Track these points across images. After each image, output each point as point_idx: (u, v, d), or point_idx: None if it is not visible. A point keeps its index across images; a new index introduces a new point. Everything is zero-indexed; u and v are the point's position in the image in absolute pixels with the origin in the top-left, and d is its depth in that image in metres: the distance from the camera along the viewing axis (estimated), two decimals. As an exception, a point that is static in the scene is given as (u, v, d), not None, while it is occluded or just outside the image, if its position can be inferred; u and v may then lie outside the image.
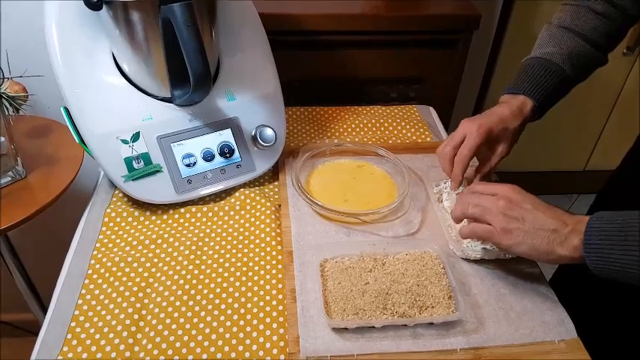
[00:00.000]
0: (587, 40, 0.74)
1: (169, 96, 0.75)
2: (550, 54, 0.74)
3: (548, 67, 0.73)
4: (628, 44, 1.53)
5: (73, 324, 0.62)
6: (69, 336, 0.61)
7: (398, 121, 0.97)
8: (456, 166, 0.71)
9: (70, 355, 0.59)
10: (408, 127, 0.96)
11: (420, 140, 0.94)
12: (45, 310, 0.71)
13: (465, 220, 0.67)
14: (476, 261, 0.69)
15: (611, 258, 0.52)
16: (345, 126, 0.97)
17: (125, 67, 0.74)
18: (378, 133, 0.96)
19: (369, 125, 0.97)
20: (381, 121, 0.97)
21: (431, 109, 1.03)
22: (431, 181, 0.81)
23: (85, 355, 0.59)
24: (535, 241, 0.57)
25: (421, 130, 0.96)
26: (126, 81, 0.74)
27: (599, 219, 0.54)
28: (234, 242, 0.73)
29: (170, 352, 0.59)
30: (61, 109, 0.73)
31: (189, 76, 0.67)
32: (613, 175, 0.87)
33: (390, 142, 0.93)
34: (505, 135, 0.72)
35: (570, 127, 1.73)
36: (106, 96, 0.73)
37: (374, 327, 0.60)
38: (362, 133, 0.96)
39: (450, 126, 1.16)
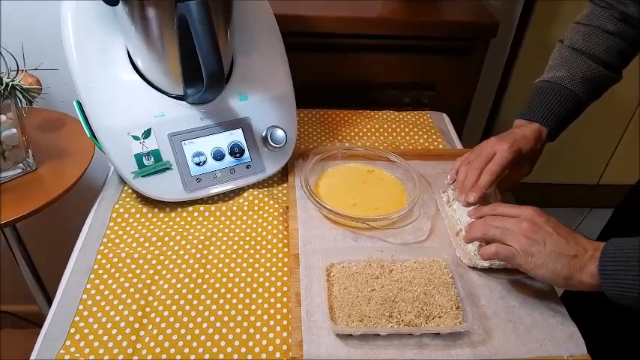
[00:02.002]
0: (599, 63, 0.73)
1: (182, 94, 0.75)
2: (562, 78, 0.74)
3: (560, 92, 0.73)
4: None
5: (76, 319, 0.62)
6: (72, 330, 0.60)
7: (410, 126, 0.96)
8: (483, 177, 0.70)
9: (72, 349, 0.58)
10: (420, 133, 0.95)
11: (432, 147, 0.93)
12: (50, 303, 0.71)
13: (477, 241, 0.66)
14: (485, 272, 0.68)
15: (626, 285, 0.51)
16: (356, 130, 0.96)
17: (139, 64, 0.74)
18: (390, 138, 0.95)
19: (381, 130, 0.96)
20: (393, 126, 0.97)
21: (444, 115, 1.02)
22: (438, 187, 0.80)
23: (87, 351, 0.58)
24: (556, 265, 0.56)
25: (434, 136, 0.95)
26: (139, 77, 0.74)
27: (613, 245, 0.54)
28: (241, 243, 0.72)
29: (172, 350, 0.59)
30: (74, 102, 0.74)
31: (202, 74, 0.66)
32: (631, 190, 0.85)
33: (402, 147, 0.92)
34: (530, 156, 0.73)
35: (585, 140, 1.70)
36: (118, 91, 0.73)
37: (379, 335, 0.59)
38: (373, 137, 0.95)
39: (463, 134, 1.14)
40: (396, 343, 0.59)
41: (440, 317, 0.60)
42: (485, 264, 0.67)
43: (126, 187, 0.80)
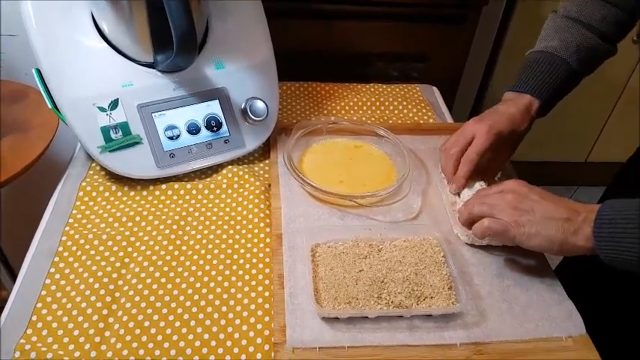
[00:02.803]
0: (594, 32, 0.70)
1: (152, 61, 0.69)
2: (555, 48, 0.70)
3: (554, 62, 0.69)
4: (638, 32, 1.48)
5: (39, 305, 0.57)
6: (34, 318, 0.56)
7: (399, 100, 0.92)
8: (461, 168, 0.68)
9: (33, 338, 0.54)
10: (409, 107, 0.91)
11: (422, 121, 0.90)
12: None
13: None
14: (479, 250, 0.65)
15: (622, 247, 0.49)
16: (342, 104, 0.91)
17: (104, 28, 0.68)
18: (378, 112, 0.90)
19: (368, 104, 0.92)
20: (381, 99, 0.92)
21: (434, 88, 0.98)
22: (431, 163, 0.76)
23: (50, 340, 0.54)
24: (549, 231, 0.54)
25: (423, 110, 0.91)
26: (105, 43, 0.68)
27: (610, 206, 0.52)
28: (219, 222, 0.68)
29: (144, 338, 0.54)
30: (33, 70, 0.67)
31: (172, 38, 0.61)
32: (626, 165, 0.83)
33: (390, 122, 0.89)
34: (512, 138, 0.68)
35: (573, 117, 1.68)
36: (82, 58, 0.67)
37: (367, 317, 0.56)
38: (360, 111, 0.90)
39: (453, 107, 1.10)
40: (385, 326, 0.56)
41: (432, 298, 0.57)
42: (484, 241, 0.64)
43: (94, 164, 0.75)
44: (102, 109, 0.67)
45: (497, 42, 1.51)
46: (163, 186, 0.72)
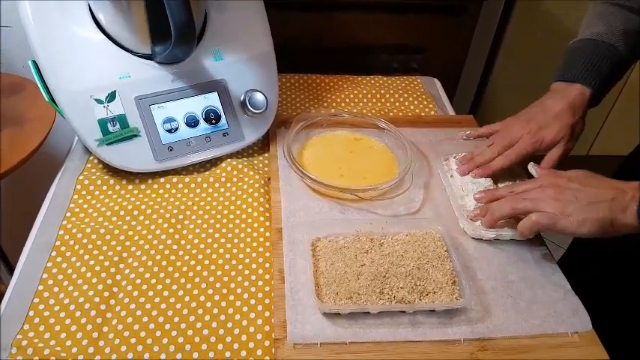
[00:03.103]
0: (639, 14, 0.67)
1: (150, 52, 0.68)
2: (600, 34, 0.68)
3: (600, 48, 0.67)
4: None
5: (36, 300, 0.56)
6: (31, 313, 0.55)
7: (400, 92, 0.91)
8: (497, 162, 0.68)
9: (30, 334, 0.53)
10: (410, 99, 0.90)
11: (423, 113, 0.88)
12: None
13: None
14: (482, 244, 0.64)
15: None
16: (342, 96, 0.90)
17: (101, 19, 0.67)
18: (378, 104, 0.89)
19: (369, 96, 0.90)
20: (382, 92, 0.91)
21: (435, 80, 0.97)
22: (439, 155, 0.75)
23: (47, 335, 0.53)
24: (598, 214, 0.54)
25: (424, 102, 0.90)
26: (102, 34, 0.67)
27: None
28: (218, 217, 0.67)
29: (143, 334, 0.54)
30: (29, 62, 0.66)
31: (170, 29, 0.60)
32: (628, 159, 0.82)
33: (391, 114, 0.87)
34: (564, 132, 0.66)
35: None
36: (79, 50, 0.66)
37: (369, 313, 0.55)
38: (360, 104, 0.89)
39: (454, 99, 1.09)
40: (387, 322, 0.55)
41: (435, 293, 0.56)
42: (491, 235, 0.63)
43: (91, 158, 0.74)
44: (99, 102, 0.65)
45: (498, 33, 1.49)
46: (162, 179, 0.71)
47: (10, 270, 1.02)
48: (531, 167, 0.66)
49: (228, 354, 0.52)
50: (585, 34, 0.69)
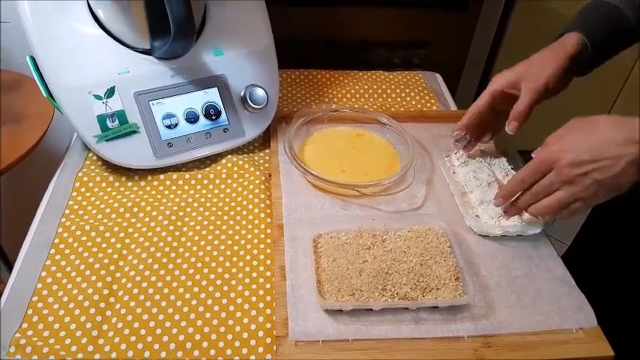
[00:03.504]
0: None
1: (149, 47, 0.67)
2: None
3: (604, 6, 0.63)
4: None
5: (34, 298, 0.56)
6: (29, 312, 0.54)
7: (402, 87, 0.90)
8: (465, 116, 0.67)
9: (29, 333, 0.52)
10: (412, 94, 0.89)
11: (425, 109, 0.88)
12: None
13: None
14: (485, 240, 0.63)
15: None
16: (343, 91, 0.89)
17: (100, 14, 0.66)
18: (380, 100, 0.89)
19: (370, 91, 0.90)
20: (383, 87, 0.90)
21: (437, 75, 0.97)
22: (441, 151, 0.75)
23: (46, 334, 0.53)
24: (625, 177, 0.51)
25: (426, 97, 0.89)
26: (101, 30, 0.66)
27: None
28: (219, 213, 0.66)
29: (143, 332, 0.53)
30: (27, 58, 0.65)
31: (169, 23, 0.59)
32: None
33: (393, 109, 0.87)
34: (533, 78, 0.62)
35: (577, 103, 1.65)
36: (77, 46, 0.65)
37: (371, 310, 0.54)
38: (362, 99, 0.88)
39: (456, 95, 1.08)
40: (390, 319, 0.54)
41: (438, 289, 0.55)
42: (498, 232, 0.62)
43: (90, 154, 0.73)
44: (98, 97, 0.65)
45: (500, 28, 1.48)
46: (161, 176, 0.70)
47: (9, 268, 1.01)
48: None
49: (229, 351, 0.52)
50: None
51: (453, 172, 0.71)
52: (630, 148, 0.50)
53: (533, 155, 0.61)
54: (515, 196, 0.60)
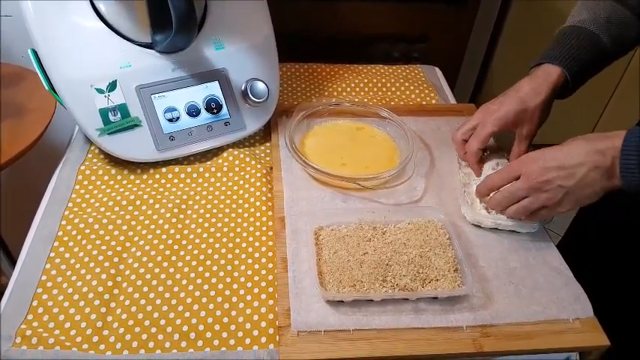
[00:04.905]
0: (626, 6, 0.66)
1: (150, 41, 0.68)
2: (584, 21, 0.66)
3: (582, 34, 0.65)
4: None
5: (39, 290, 0.56)
6: (34, 303, 0.55)
7: (401, 81, 0.91)
8: (468, 159, 0.69)
9: (34, 324, 0.53)
10: (412, 88, 0.90)
11: (424, 102, 0.88)
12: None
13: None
14: (484, 231, 0.64)
15: None
16: (343, 85, 0.90)
17: (102, 8, 0.66)
18: (380, 93, 0.89)
19: (370, 85, 0.90)
20: (383, 81, 0.91)
21: (436, 69, 0.97)
22: (439, 144, 0.76)
23: (51, 325, 0.53)
24: (587, 189, 0.54)
25: (426, 91, 0.90)
26: (102, 23, 0.66)
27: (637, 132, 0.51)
28: (221, 206, 0.67)
29: (147, 322, 0.54)
30: (29, 51, 0.66)
31: (171, 17, 0.59)
32: None
33: (392, 103, 0.87)
34: (525, 116, 0.65)
35: (573, 101, 1.66)
36: (79, 39, 0.65)
37: (372, 300, 0.55)
38: (362, 93, 0.89)
39: (455, 88, 1.09)
40: (390, 309, 0.55)
41: (437, 280, 0.56)
42: (490, 223, 0.63)
43: (92, 147, 0.73)
44: (100, 91, 0.65)
45: (498, 22, 1.48)
46: (164, 169, 0.70)
47: (12, 262, 1.02)
48: None
49: (232, 342, 0.53)
50: (571, 21, 0.68)
51: (459, 162, 0.72)
52: (594, 156, 0.53)
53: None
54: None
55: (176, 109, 0.69)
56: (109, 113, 0.66)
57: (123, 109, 0.66)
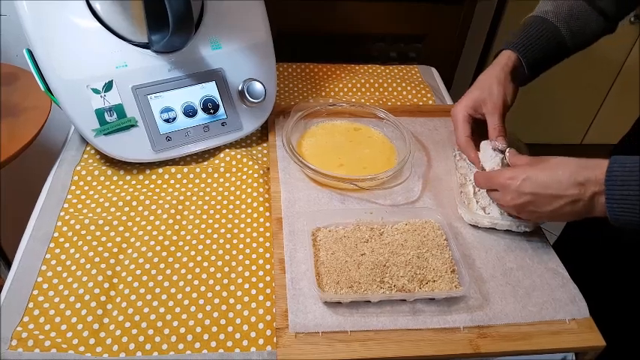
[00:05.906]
0: (590, 3, 0.67)
1: (147, 41, 0.67)
2: (546, 12, 0.68)
3: (543, 25, 0.68)
4: (636, 12, 1.46)
5: (35, 292, 0.56)
6: (30, 305, 0.55)
7: (398, 81, 0.91)
8: (465, 154, 0.70)
9: (30, 326, 0.53)
10: (408, 88, 0.90)
11: (421, 103, 0.88)
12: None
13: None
14: (481, 232, 0.64)
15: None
16: (340, 85, 0.90)
17: (98, 7, 0.66)
18: (377, 94, 0.89)
19: (367, 85, 0.90)
20: (380, 81, 0.91)
21: (433, 69, 0.97)
22: (436, 145, 0.76)
23: (47, 327, 0.53)
24: (564, 217, 0.56)
25: (422, 91, 0.90)
26: (98, 23, 0.66)
27: (619, 164, 0.50)
28: (218, 207, 0.66)
29: (144, 324, 0.53)
30: (24, 51, 0.65)
31: (168, 17, 0.59)
32: (629, 138, 0.81)
33: (389, 103, 0.87)
34: (484, 95, 0.68)
35: (568, 99, 1.66)
36: (75, 39, 0.65)
37: (369, 301, 0.55)
38: (359, 93, 0.89)
39: (452, 88, 1.09)
40: (388, 310, 0.55)
41: (434, 281, 0.56)
42: (487, 223, 0.63)
43: (88, 148, 0.73)
44: (96, 91, 0.65)
45: (495, 22, 1.48)
46: (160, 170, 0.70)
47: (8, 263, 1.01)
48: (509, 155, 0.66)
49: (230, 343, 0.53)
50: (535, 12, 0.71)
51: (457, 160, 0.72)
52: (573, 189, 0.52)
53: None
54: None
55: (172, 110, 0.69)
56: (105, 113, 0.65)
57: (119, 109, 0.66)
